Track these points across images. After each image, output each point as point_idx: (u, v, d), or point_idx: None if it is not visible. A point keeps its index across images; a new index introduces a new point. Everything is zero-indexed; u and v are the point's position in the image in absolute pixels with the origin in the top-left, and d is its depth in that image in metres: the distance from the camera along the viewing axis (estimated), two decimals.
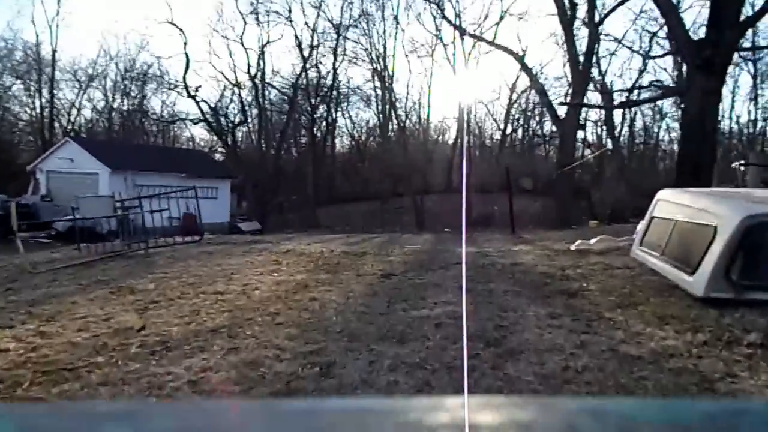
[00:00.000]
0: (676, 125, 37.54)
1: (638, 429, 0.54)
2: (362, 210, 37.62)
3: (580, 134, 24.71)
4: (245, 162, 34.05)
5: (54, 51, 35.29)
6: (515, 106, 40.22)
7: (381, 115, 38.99)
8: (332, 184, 41.23)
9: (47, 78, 34.79)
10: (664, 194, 7.59)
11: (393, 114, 36.49)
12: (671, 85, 23.11)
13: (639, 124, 38.94)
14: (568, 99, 23.24)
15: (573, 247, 10.13)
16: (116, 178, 21.81)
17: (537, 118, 42.01)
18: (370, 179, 40.09)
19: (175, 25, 34.69)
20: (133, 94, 37.19)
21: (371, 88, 38.58)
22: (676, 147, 40.44)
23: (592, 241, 10.74)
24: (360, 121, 47.38)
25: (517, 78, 38.60)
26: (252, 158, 35.33)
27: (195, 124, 35.69)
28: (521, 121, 42.73)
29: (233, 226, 27.63)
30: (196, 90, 30.42)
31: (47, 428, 0.57)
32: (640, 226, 10.86)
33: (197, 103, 30.71)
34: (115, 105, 38.83)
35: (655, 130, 38.59)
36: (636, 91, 24.51)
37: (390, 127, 38.46)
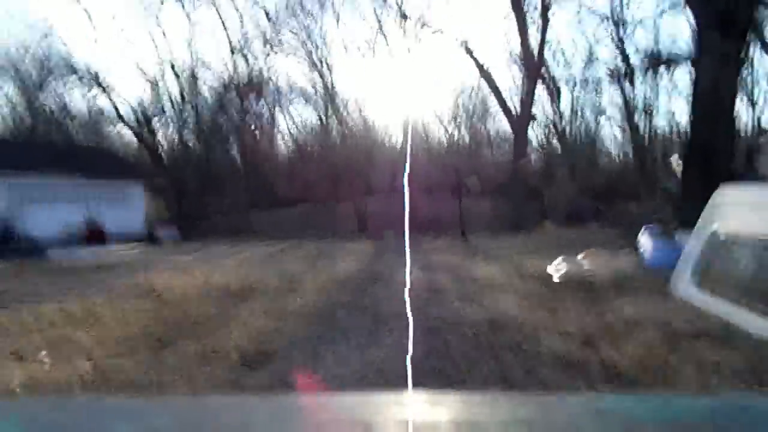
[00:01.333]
0: (615, 120, 35.42)
1: (639, 426, 0.50)
2: (303, 214, 33.84)
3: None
4: (168, 162, 29.46)
5: None
6: (460, 105, 37.07)
7: (322, 114, 35.21)
8: (272, 187, 37.19)
9: None
10: (742, 195, 4.28)
11: (334, 112, 32.80)
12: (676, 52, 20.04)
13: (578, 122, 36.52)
14: (522, 88, 20.21)
15: (559, 271, 6.79)
16: None
17: (481, 117, 39.06)
18: (311, 181, 36.42)
19: (78, 2, 29.57)
20: (42, 88, 31.70)
21: (312, 86, 34.65)
22: (613, 149, 38.27)
23: (581, 258, 7.46)
24: (302, 121, 43.53)
25: (461, 76, 35.56)
26: (176, 158, 30.70)
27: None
28: (465, 121, 39.72)
29: (149, 234, 23.30)
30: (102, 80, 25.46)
31: (48, 424, 0.54)
32: (646, 241, 7.67)
33: (107, 94, 25.92)
34: (35, 102, 33.25)
35: (593, 127, 36.09)
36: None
37: (331, 126, 34.77)
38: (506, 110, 18.92)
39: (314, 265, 8.73)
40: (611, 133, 45.13)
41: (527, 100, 17.72)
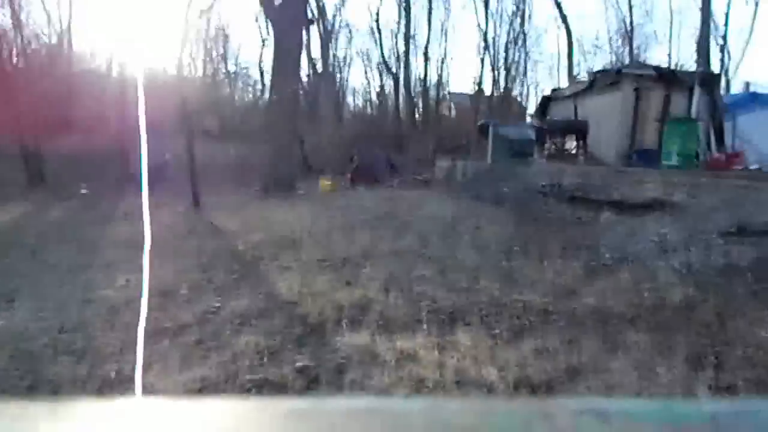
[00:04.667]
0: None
1: (640, 429, 0.50)
2: None
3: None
4: None
5: None
6: (194, 29, 27.33)
7: None
8: None
9: None
10: None
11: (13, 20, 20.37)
12: None
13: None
14: None
15: None
16: None
17: (221, 46, 30.06)
18: None
19: None
20: None
21: None
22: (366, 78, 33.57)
23: None
24: None
25: None
26: None
27: None
28: (202, 49, 30.24)
29: None
30: None
31: (47, 428, 0.53)
32: None
33: None
34: None
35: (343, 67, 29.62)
36: None
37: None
38: (268, 4, 11.73)
39: None
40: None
41: None
